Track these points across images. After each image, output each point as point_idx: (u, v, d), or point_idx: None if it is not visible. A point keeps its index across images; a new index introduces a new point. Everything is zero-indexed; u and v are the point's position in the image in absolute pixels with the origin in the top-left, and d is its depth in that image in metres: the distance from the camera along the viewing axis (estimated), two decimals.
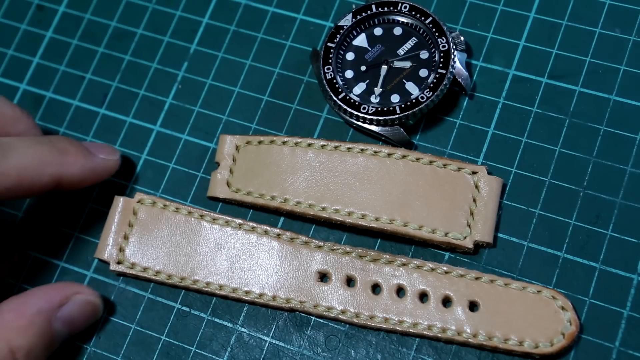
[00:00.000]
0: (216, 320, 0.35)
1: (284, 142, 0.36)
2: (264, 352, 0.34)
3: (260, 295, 0.34)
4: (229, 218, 0.35)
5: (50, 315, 0.32)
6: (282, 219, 0.36)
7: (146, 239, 0.36)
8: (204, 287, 0.34)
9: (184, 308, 0.35)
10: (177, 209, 0.36)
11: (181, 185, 0.38)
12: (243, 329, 0.34)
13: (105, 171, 0.36)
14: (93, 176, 0.35)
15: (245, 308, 0.35)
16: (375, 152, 0.35)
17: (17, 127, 0.35)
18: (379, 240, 0.35)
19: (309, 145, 0.36)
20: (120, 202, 0.36)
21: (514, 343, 0.31)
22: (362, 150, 0.35)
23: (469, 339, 0.32)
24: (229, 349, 0.34)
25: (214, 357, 0.34)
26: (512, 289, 0.32)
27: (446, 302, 0.33)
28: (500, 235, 0.34)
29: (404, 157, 0.35)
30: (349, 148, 0.35)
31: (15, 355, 0.30)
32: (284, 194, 0.35)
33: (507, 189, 0.35)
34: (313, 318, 0.34)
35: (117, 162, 0.36)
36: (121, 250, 0.35)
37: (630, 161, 0.34)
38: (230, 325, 0.34)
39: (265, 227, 0.35)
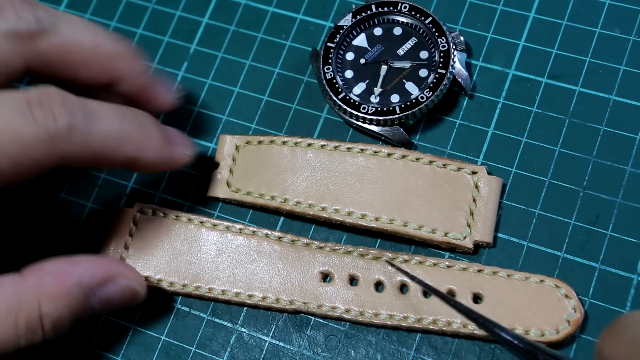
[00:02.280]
0: (216, 320, 0.35)
1: (283, 142, 0.36)
2: (264, 352, 0.34)
3: (263, 298, 0.34)
4: (229, 223, 0.35)
5: (88, 290, 0.30)
6: (281, 219, 0.36)
7: (147, 248, 0.35)
8: (207, 292, 0.34)
9: (183, 308, 0.35)
10: (177, 216, 0.36)
11: (181, 185, 0.38)
12: (243, 329, 0.34)
13: (178, 164, 0.34)
14: (165, 165, 0.33)
15: (245, 308, 0.35)
16: (375, 152, 0.35)
17: (116, 64, 0.33)
18: (378, 240, 0.35)
19: (309, 145, 0.36)
20: (120, 212, 0.36)
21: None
22: (361, 150, 0.35)
23: (475, 331, 0.32)
24: (228, 349, 0.34)
25: (213, 357, 0.34)
26: (515, 280, 0.32)
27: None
28: (500, 235, 0.34)
29: (403, 157, 0.35)
30: (348, 148, 0.35)
31: (43, 321, 0.29)
32: (284, 194, 0.35)
33: (507, 189, 0.35)
34: (313, 318, 0.34)
35: (190, 158, 0.34)
36: (122, 259, 0.35)
37: (630, 161, 0.34)
38: (230, 325, 0.35)
39: (265, 230, 0.35)
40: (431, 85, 0.35)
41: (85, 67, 0.32)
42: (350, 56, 0.37)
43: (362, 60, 0.37)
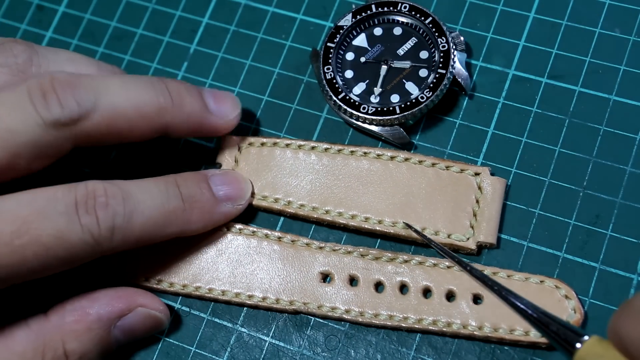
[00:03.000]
0: (216, 320, 0.35)
1: (287, 145, 0.36)
2: (264, 352, 0.34)
3: (263, 298, 0.34)
4: (229, 223, 0.35)
5: (109, 324, 0.32)
6: (281, 219, 0.36)
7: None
8: (207, 293, 0.34)
9: (183, 308, 0.35)
10: None
11: None
12: (243, 329, 0.34)
13: (227, 221, 0.35)
14: (212, 227, 0.34)
15: (245, 308, 0.35)
16: (378, 155, 0.35)
17: (161, 119, 0.33)
18: (378, 241, 0.35)
19: (312, 148, 0.36)
20: None
21: (520, 333, 0.31)
22: (365, 153, 0.35)
23: (475, 332, 0.32)
24: (228, 349, 0.34)
25: (213, 357, 0.34)
26: (515, 280, 0.32)
27: (450, 296, 0.33)
28: (500, 235, 0.34)
29: (406, 160, 0.35)
30: (352, 151, 0.35)
31: (68, 359, 0.31)
32: (287, 197, 0.35)
33: (507, 189, 0.35)
34: (313, 318, 0.34)
35: (241, 209, 0.35)
36: None
37: (630, 161, 0.34)
38: (230, 325, 0.35)
39: (265, 230, 0.35)
40: (431, 85, 0.35)
41: (130, 131, 0.33)
42: (350, 56, 0.37)
43: (362, 60, 0.37)
